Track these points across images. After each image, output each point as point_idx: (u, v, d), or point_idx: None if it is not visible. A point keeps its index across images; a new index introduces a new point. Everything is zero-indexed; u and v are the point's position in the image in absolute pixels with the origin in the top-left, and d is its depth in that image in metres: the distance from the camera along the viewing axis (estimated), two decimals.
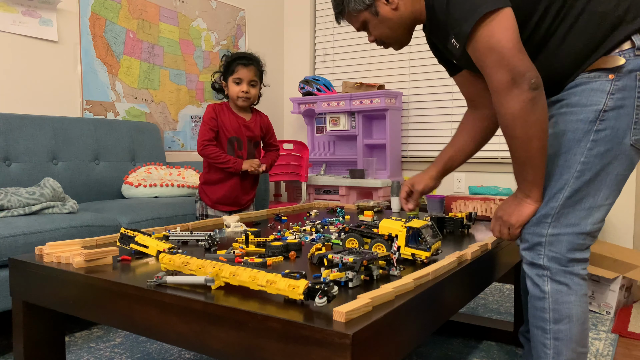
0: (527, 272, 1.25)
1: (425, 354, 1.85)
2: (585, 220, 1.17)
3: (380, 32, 1.35)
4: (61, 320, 1.31)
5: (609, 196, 1.18)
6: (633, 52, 1.12)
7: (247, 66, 2.18)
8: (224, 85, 2.24)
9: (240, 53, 2.25)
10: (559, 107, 1.21)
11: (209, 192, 2.25)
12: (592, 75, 1.15)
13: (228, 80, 2.21)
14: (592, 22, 1.14)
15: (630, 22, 1.13)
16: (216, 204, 2.24)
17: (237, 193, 2.25)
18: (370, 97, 3.29)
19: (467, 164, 3.50)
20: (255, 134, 2.30)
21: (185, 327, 0.92)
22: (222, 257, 1.10)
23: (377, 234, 1.22)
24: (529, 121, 1.11)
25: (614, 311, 2.29)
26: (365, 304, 0.83)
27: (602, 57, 1.14)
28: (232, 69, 2.18)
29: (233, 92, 2.20)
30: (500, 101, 1.13)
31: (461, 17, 1.13)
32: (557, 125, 1.20)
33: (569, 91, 1.19)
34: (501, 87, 1.11)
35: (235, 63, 2.18)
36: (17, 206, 1.92)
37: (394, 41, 1.37)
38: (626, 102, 1.13)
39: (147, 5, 3.03)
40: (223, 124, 2.21)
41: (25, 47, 2.48)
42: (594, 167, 1.15)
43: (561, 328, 1.20)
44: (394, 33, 1.34)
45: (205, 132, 2.18)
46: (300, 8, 3.98)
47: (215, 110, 2.21)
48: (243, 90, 2.18)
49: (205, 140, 2.16)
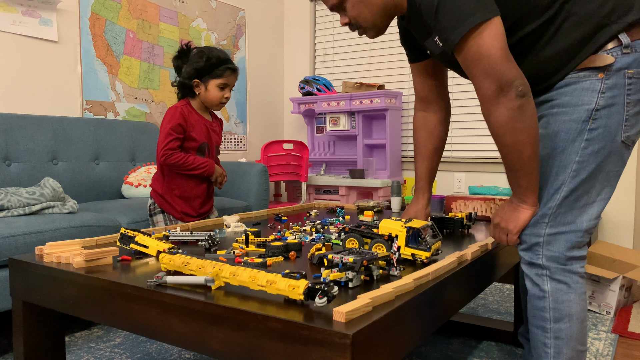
0: (526, 272, 1.26)
1: (425, 354, 1.85)
2: (581, 218, 1.19)
3: (358, 13, 1.26)
4: (61, 320, 1.31)
5: (604, 192, 1.20)
6: (620, 50, 1.13)
7: (234, 72, 2.04)
8: (195, 84, 2.01)
9: (223, 53, 2.05)
10: (549, 107, 1.21)
11: (174, 202, 2.02)
12: (582, 74, 1.16)
13: (208, 81, 2.00)
14: (577, 24, 1.15)
15: (616, 22, 1.14)
16: (184, 215, 2.03)
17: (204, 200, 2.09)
18: (370, 97, 3.29)
19: (467, 164, 3.48)
20: (219, 138, 2.17)
21: (185, 327, 0.92)
22: (222, 257, 1.10)
23: (377, 234, 1.21)
24: (518, 128, 1.12)
25: (614, 311, 2.29)
26: (365, 304, 0.83)
27: (591, 55, 1.15)
28: (218, 73, 1.99)
29: (214, 97, 2.01)
30: (489, 109, 1.13)
31: (450, 26, 1.13)
32: (549, 125, 1.20)
33: (558, 91, 1.19)
34: (489, 96, 1.12)
35: (223, 67, 2.00)
36: (17, 206, 1.92)
37: (371, 26, 1.29)
38: (616, 100, 1.14)
39: (147, 5, 3.03)
40: (193, 128, 2.00)
41: (25, 47, 2.48)
42: (589, 165, 1.16)
43: (561, 327, 1.21)
44: (372, 17, 1.26)
45: (170, 141, 1.93)
46: (300, 8, 3.98)
47: (183, 114, 1.97)
48: (226, 96, 2.04)
49: (168, 150, 1.93)
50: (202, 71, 2.00)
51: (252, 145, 3.78)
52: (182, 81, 2.03)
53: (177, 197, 2.03)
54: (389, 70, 3.61)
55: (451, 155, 3.39)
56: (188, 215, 2.04)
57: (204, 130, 2.05)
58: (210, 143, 2.09)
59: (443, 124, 1.52)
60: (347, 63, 3.81)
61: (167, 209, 2.04)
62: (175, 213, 2.03)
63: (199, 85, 2.02)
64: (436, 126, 1.51)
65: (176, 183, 2.02)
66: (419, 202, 1.55)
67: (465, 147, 3.34)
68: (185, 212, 2.04)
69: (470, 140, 3.32)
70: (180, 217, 2.03)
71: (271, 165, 3.23)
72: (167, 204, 2.03)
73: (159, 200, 2.04)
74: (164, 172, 2.03)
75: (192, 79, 2.01)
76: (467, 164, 3.34)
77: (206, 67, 1.99)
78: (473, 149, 3.33)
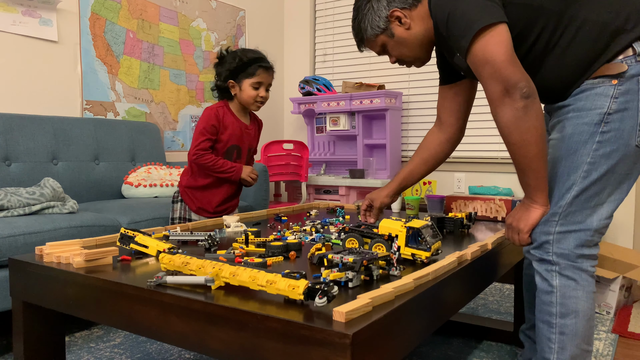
0: (536, 267, 1.29)
1: (425, 354, 1.85)
2: (591, 217, 1.22)
3: (399, 53, 1.42)
4: (61, 320, 1.31)
5: (615, 194, 1.23)
6: (634, 59, 1.17)
7: (268, 70, 2.03)
8: (231, 85, 2.03)
9: (257, 53, 2.05)
10: (565, 112, 1.26)
11: (194, 196, 2.08)
12: (596, 81, 1.20)
13: (242, 81, 2.00)
14: (593, 32, 1.19)
15: (631, 31, 1.18)
16: (200, 210, 2.08)
17: (224, 200, 2.11)
18: (370, 97, 3.29)
19: (467, 164, 3.48)
20: (254, 141, 2.17)
21: (185, 327, 0.92)
22: (222, 257, 1.10)
23: (377, 234, 1.22)
24: (523, 128, 1.17)
25: (614, 311, 2.29)
26: (365, 304, 0.83)
27: (605, 64, 1.19)
28: (250, 72, 1.99)
29: (249, 96, 2.01)
30: (496, 110, 1.20)
31: (459, 34, 1.20)
32: (565, 128, 1.25)
33: (574, 97, 1.24)
34: (495, 97, 1.18)
35: (255, 65, 1.99)
36: (17, 206, 1.92)
37: (413, 59, 1.44)
38: (629, 105, 1.17)
39: (147, 5, 3.03)
40: (225, 129, 2.03)
41: (25, 47, 2.48)
42: (600, 167, 1.20)
43: (567, 322, 1.23)
44: (411, 52, 1.41)
45: (203, 141, 1.98)
46: (300, 8, 3.98)
47: (217, 116, 2.01)
48: (262, 95, 2.02)
49: (200, 150, 1.98)
50: (235, 71, 2.01)
51: None
52: (219, 85, 2.06)
53: (198, 191, 2.08)
54: (389, 70, 3.61)
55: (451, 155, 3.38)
56: (204, 210, 2.09)
57: (237, 133, 2.07)
58: (242, 145, 2.11)
59: (445, 144, 1.61)
60: (347, 63, 3.81)
61: (186, 200, 2.10)
62: (192, 205, 2.08)
63: (234, 86, 2.03)
64: (438, 143, 1.62)
65: (201, 176, 2.06)
66: (385, 188, 1.67)
67: (465, 147, 3.34)
68: (203, 207, 2.08)
69: (470, 140, 3.32)
70: (195, 210, 2.09)
71: (271, 165, 3.23)
72: (187, 196, 2.09)
73: (182, 190, 2.11)
74: (192, 169, 2.08)
75: (227, 80, 2.03)
76: (467, 164, 3.34)
77: (239, 67, 2.01)
78: (473, 149, 3.32)
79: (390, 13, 1.35)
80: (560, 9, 1.20)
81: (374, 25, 1.38)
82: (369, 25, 1.38)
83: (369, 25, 1.38)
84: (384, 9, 1.35)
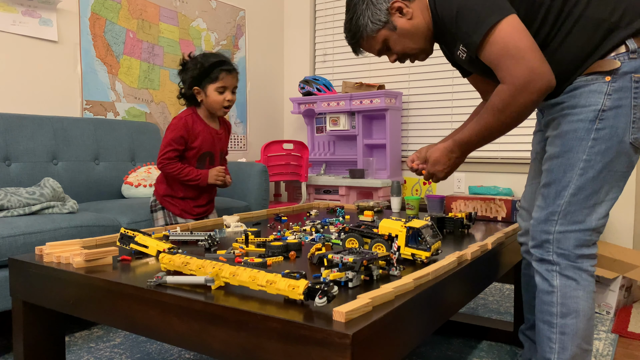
0: (536, 267, 1.29)
1: (425, 354, 1.85)
2: (590, 217, 1.22)
3: (402, 46, 1.38)
4: (61, 320, 1.31)
5: (612, 192, 1.23)
6: (627, 55, 1.17)
7: (231, 72, 2.00)
8: (196, 92, 2.01)
9: (218, 57, 2.02)
10: (559, 109, 1.25)
11: (174, 202, 2.08)
12: (590, 78, 1.20)
13: (207, 87, 1.99)
14: (588, 28, 1.19)
15: (625, 28, 1.18)
16: (184, 212, 2.08)
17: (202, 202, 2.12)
18: (370, 97, 3.29)
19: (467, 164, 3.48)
20: (225, 145, 2.17)
21: (185, 327, 0.92)
22: (222, 257, 1.10)
23: (377, 234, 1.22)
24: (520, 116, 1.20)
25: (614, 311, 2.29)
26: (365, 304, 0.83)
27: (598, 60, 1.19)
28: (213, 76, 1.97)
29: (215, 101, 2.00)
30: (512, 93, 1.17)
31: (470, 30, 1.20)
32: (560, 126, 1.25)
33: (568, 94, 1.23)
34: (518, 82, 1.16)
35: (217, 70, 1.97)
36: (17, 206, 1.92)
37: (418, 51, 1.40)
38: (623, 102, 1.17)
39: (147, 5, 3.03)
40: (196, 137, 2.02)
41: (25, 47, 2.48)
42: (596, 164, 1.20)
43: (568, 322, 1.24)
44: (416, 43, 1.38)
45: (169, 151, 1.97)
46: (300, 8, 3.98)
47: (187, 125, 1.99)
48: (228, 98, 2.01)
49: (165, 159, 1.98)
50: (198, 78, 1.99)
51: (252, 145, 3.78)
52: (183, 93, 2.05)
53: (177, 198, 2.09)
54: (389, 70, 3.61)
55: None
56: (187, 212, 2.10)
57: (208, 139, 2.07)
58: (214, 151, 2.11)
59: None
60: (347, 63, 3.81)
61: (167, 207, 2.09)
62: (175, 210, 2.09)
63: (199, 92, 2.02)
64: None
65: (177, 186, 2.08)
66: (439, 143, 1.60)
67: None
68: (185, 209, 2.10)
69: None
70: (179, 213, 2.09)
71: (271, 165, 3.23)
72: (167, 202, 2.09)
73: (160, 199, 2.10)
74: (167, 178, 2.09)
75: (192, 87, 2.01)
76: (467, 164, 3.33)
77: (202, 73, 1.98)
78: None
79: (390, 5, 1.32)
80: (560, 4, 1.20)
81: (375, 19, 1.34)
82: (369, 20, 1.35)
83: (369, 20, 1.35)
84: (383, 2, 1.33)
